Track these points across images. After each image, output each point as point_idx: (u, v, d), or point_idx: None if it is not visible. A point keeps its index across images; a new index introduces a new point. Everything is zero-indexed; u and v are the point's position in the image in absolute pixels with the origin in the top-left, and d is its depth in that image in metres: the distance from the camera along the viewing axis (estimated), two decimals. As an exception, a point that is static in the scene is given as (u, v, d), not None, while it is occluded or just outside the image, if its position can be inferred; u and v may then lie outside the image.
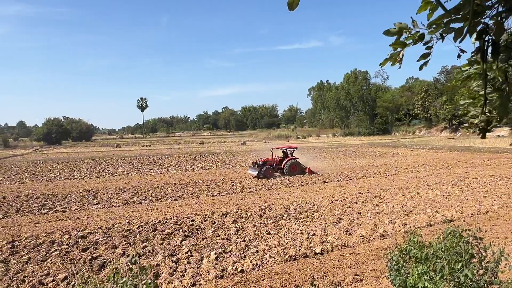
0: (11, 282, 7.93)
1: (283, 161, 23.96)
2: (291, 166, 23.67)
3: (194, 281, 7.77)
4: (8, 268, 8.77)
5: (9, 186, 22.43)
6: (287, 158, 24.12)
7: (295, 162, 24.03)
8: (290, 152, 25.00)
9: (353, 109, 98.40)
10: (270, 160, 24.06)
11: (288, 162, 23.73)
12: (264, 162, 23.71)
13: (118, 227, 12.10)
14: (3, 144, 78.05)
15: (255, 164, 23.71)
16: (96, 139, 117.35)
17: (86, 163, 36.95)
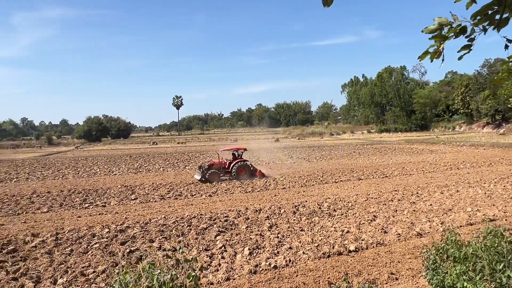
0: (55, 273, 8.34)
1: (231, 164, 22.26)
2: (238, 169, 21.76)
3: (228, 275, 7.88)
4: (52, 259, 9.23)
5: (53, 181, 23.51)
6: (235, 161, 22.44)
7: (243, 164, 22.06)
8: (239, 154, 23.24)
9: (389, 105, 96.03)
10: (217, 163, 22.32)
11: (235, 164, 21.87)
12: (210, 165, 21.96)
13: (154, 222, 12.44)
14: (47, 141, 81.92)
15: (200, 167, 21.81)
16: (134, 136, 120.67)
17: (124, 159, 38.10)
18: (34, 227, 12.27)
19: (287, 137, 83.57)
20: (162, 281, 3.13)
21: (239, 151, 23.28)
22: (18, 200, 17.16)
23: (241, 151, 23.35)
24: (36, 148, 70.29)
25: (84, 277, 8.04)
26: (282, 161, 31.60)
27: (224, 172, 21.98)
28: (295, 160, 32.23)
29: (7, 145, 78.88)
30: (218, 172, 21.37)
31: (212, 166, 21.74)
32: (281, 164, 29.83)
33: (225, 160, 23.08)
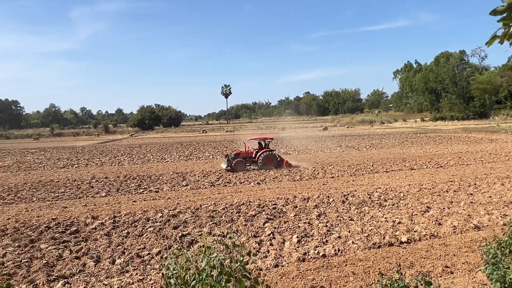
0: (114, 253, 8.83)
1: (258, 153, 22.00)
2: (265, 159, 21.51)
3: (277, 262, 7.95)
4: (111, 240, 9.77)
5: (110, 167, 24.78)
6: (262, 150, 22.13)
7: (270, 154, 21.77)
8: (266, 144, 22.98)
9: (444, 92, 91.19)
10: (243, 152, 22.21)
11: (262, 154, 21.64)
12: (236, 154, 22.01)
13: (205, 208, 12.77)
14: (104, 129, 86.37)
15: (227, 156, 21.96)
16: (184, 125, 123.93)
17: (176, 147, 39.30)
18: (94, 210, 13.03)
19: (336, 126, 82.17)
20: (213, 265, 3.22)
21: (266, 141, 23.07)
22: (79, 184, 18.27)
23: (268, 141, 23.16)
24: (94, 136, 74.31)
25: (140, 258, 8.45)
26: (331, 150, 31.18)
27: (250, 161, 21.95)
28: (344, 149, 31.69)
29: (68, 133, 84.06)
30: (244, 161, 21.38)
31: (238, 155, 21.78)
32: (329, 152, 29.45)
33: (252, 149, 22.91)
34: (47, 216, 12.42)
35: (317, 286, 6.89)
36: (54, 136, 77.71)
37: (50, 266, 8.18)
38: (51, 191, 16.87)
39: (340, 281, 7.05)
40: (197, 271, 3.23)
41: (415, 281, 3.56)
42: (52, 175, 21.74)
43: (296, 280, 7.13)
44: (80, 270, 7.93)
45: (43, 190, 17.03)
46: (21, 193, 16.51)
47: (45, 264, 8.27)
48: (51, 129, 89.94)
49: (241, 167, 21.04)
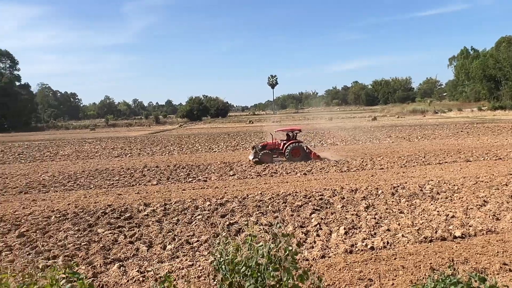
0: (165, 239, 9.18)
1: (285, 145, 21.65)
2: (292, 150, 21.13)
3: (323, 253, 7.91)
4: (162, 227, 10.16)
5: (161, 157, 25.67)
6: (289, 142, 21.76)
7: (298, 146, 21.44)
8: (294, 135, 22.42)
9: (505, 79, 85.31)
10: (271, 143, 21.99)
11: (289, 145, 21.30)
12: (263, 146, 21.75)
13: (251, 197, 12.92)
14: (155, 120, 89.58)
15: (254, 148, 21.77)
16: (231, 115, 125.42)
17: (223, 137, 39.95)
18: (146, 198, 13.59)
19: (385, 116, 79.73)
20: (261, 253, 3.26)
21: (294, 132, 22.66)
22: (132, 173, 19.10)
23: (296, 132, 22.75)
24: (145, 126, 77.19)
25: (189, 245, 8.72)
26: (380, 141, 30.34)
27: (278, 153, 21.68)
28: (394, 140, 30.72)
29: (122, 123, 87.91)
30: (270, 153, 21.20)
31: (265, 147, 21.58)
32: (378, 143, 28.68)
33: (279, 141, 22.58)
34: (103, 202, 13.12)
35: (364, 278, 6.79)
36: (109, 127, 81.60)
37: (106, 250, 8.65)
38: (107, 178, 17.77)
39: (389, 274, 6.90)
40: (245, 259, 3.28)
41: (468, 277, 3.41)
42: (107, 164, 22.89)
43: (343, 272, 7.06)
44: (134, 254, 8.32)
45: (100, 178, 17.98)
46: (79, 180, 17.54)
47: (102, 247, 8.76)
48: (106, 120, 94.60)
49: (267, 158, 20.88)
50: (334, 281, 6.71)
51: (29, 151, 32.31)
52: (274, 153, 21.45)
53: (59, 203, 13.31)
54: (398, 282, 6.58)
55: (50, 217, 11.46)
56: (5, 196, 14.79)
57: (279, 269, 3.17)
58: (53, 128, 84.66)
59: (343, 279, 6.80)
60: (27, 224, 10.77)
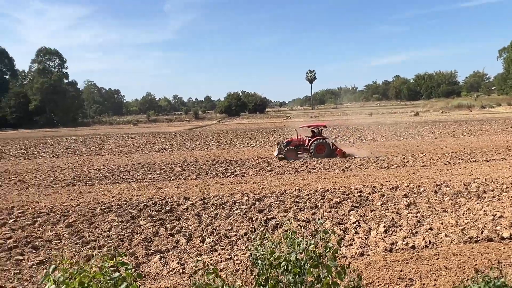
0: (203, 233, 9.37)
1: (310, 141, 21.27)
2: (317, 147, 20.82)
3: (362, 251, 7.79)
4: (201, 220, 10.37)
5: (200, 152, 26.14)
6: (314, 138, 21.37)
7: (323, 142, 21.08)
8: (318, 131, 22.11)
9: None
10: (295, 140, 21.69)
11: (314, 142, 20.96)
12: (288, 142, 21.57)
13: (289, 193, 12.90)
14: (194, 116, 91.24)
15: (279, 144, 21.64)
16: (269, 111, 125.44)
17: (261, 133, 40.07)
18: (186, 192, 13.90)
19: (428, 111, 76.94)
20: (302, 248, 3.26)
21: (319, 128, 22.39)
22: (172, 167, 19.58)
23: (321, 128, 22.47)
24: (185, 122, 78.77)
25: (227, 239, 8.86)
26: (422, 137, 29.36)
27: (302, 149, 21.45)
28: (437, 136, 29.63)
29: (162, 119, 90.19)
30: (295, 149, 21.01)
31: (290, 143, 21.41)
32: (420, 139, 27.77)
33: (304, 137, 22.28)
34: (145, 195, 13.55)
35: (405, 278, 6.63)
36: (150, 122, 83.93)
37: (148, 241, 8.95)
38: (148, 172, 18.33)
39: (430, 274, 6.70)
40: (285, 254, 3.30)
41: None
42: (149, 158, 23.59)
43: (382, 270, 6.93)
44: (174, 246, 8.56)
45: (141, 172, 18.57)
46: (123, 174, 18.19)
47: (144, 239, 9.06)
48: (148, 115, 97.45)
49: (292, 155, 20.74)
50: (373, 280, 6.61)
51: (76, 146, 33.85)
52: (299, 150, 21.36)
53: (104, 195, 13.89)
54: (440, 283, 6.38)
55: (95, 208, 11.99)
56: (55, 188, 15.61)
57: (319, 266, 3.16)
58: (98, 123, 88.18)
59: (382, 277, 6.68)
60: (74, 215, 11.33)
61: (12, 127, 78.10)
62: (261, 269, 3.38)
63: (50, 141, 40.30)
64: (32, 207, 12.51)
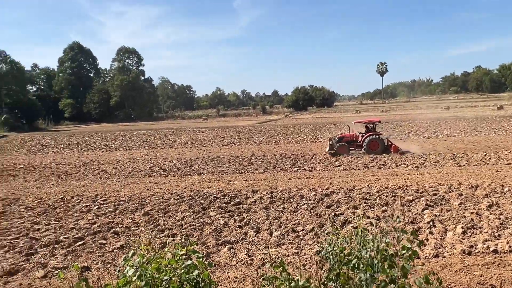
0: (271, 226, 9.48)
1: (363, 137, 20.57)
2: (370, 143, 20.06)
3: (437, 252, 7.39)
4: (268, 214, 10.50)
5: (267, 146, 26.42)
6: (367, 134, 20.64)
7: (376, 138, 20.32)
8: (372, 127, 21.25)
9: None
10: (348, 135, 21.21)
11: (367, 138, 20.21)
12: (340, 138, 21.08)
13: (358, 189, 12.59)
14: (262, 110, 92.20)
15: (330, 140, 21.09)
16: (337, 105, 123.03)
17: (328, 127, 39.45)
18: (253, 185, 14.15)
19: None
20: (376, 246, 3.19)
21: (373, 124, 21.52)
22: (240, 161, 20.02)
23: (375, 124, 21.57)
24: (253, 116, 79.94)
25: (295, 233, 8.89)
26: (507, 132, 26.99)
27: (355, 145, 20.86)
28: (525, 131, 27.05)
29: (231, 113, 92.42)
30: (347, 145, 20.50)
31: (342, 139, 20.92)
32: (505, 135, 25.56)
33: (357, 133, 21.65)
34: (215, 187, 14.02)
35: (485, 283, 6.18)
36: (220, 117, 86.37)
37: (218, 232, 9.27)
38: (218, 165, 18.91)
39: (515, 282, 6.18)
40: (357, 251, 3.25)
41: None
42: (218, 152, 24.33)
43: (459, 274, 6.53)
44: (243, 238, 8.77)
45: (211, 165, 19.22)
46: (194, 166, 18.97)
47: (214, 229, 9.40)
48: (217, 110, 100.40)
49: (343, 151, 20.28)
50: (450, 283, 6.25)
51: (152, 139, 35.86)
52: (351, 146, 20.91)
53: (177, 186, 14.60)
54: (527, 292, 5.87)
55: (169, 199, 12.65)
56: (133, 179, 16.71)
57: (394, 266, 3.07)
58: (171, 118, 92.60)
59: (459, 282, 6.29)
60: (150, 204, 12.05)
61: (96, 121, 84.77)
62: (332, 264, 3.36)
63: (129, 134, 43.10)
64: (113, 196, 13.53)
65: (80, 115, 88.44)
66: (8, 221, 11.06)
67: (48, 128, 67.65)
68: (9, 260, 8.10)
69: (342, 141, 20.89)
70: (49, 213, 11.74)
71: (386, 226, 8.98)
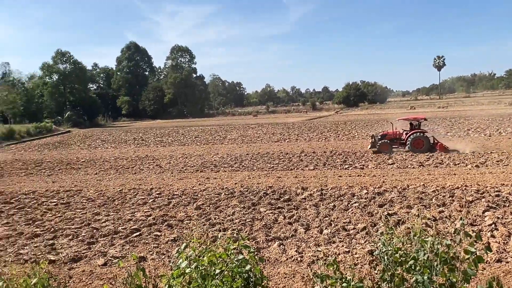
0: (321, 224, 9.39)
1: (407, 135, 19.85)
2: (414, 141, 19.35)
3: (499, 257, 6.97)
4: (318, 211, 10.41)
5: (317, 143, 26.14)
6: (412, 131, 19.88)
7: (421, 136, 19.60)
8: (416, 124, 20.53)
9: None
10: (391, 133, 20.70)
11: (411, 135, 19.51)
12: (383, 135, 20.64)
13: (413, 188, 12.14)
14: (311, 107, 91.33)
15: (373, 137, 20.66)
16: (390, 101, 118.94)
17: (381, 124, 38.17)
18: (303, 182, 14.07)
19: None
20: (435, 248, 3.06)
21: (418, 121, 20.62)
22: (290, 157, 19.98)
23: (420, 121, 20.60)
24: (302, 113, 79.40)
25: (345, 231, 8.74)
26: None
27: (398, 143, 20.15)
28: None
29: (280, 110, 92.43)
30: (389, 143, 19.84)
31: (385, 136, 20.30)
32: None
33: (401, 130, 20.81)
34: (265, 184, 14.10)
35: (555, 293, 5.74)
36: (269, 113, 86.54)
37: (267, 228, 9.32)
38: (267, 162, 19.00)
39: None
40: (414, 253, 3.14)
41: None
42: (268, 148, 24.43)
43: (525, 281, 6.11)
44: (292, 234, 8.77)
45: (261, 161, 19.35)
46: (244, 162, 19.19)
47: (264, 225, 9.46)
48: (267, 107, 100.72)
49: (386, 148, 19.80)
50: (514, 290, 5.87)
51: (203, 135, 36.70)
52: (394, 143, 20.28)
53: (227, 181, 14.86)
54: None
55: (220, 194, 12.90)
56: (186, 173, 17.23)
57: (455, 270, 2.92)
58: (221, 114, 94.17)
59: (525, 289, 5.89)
60: (202, 199, 12.37)
61: (150, 118, 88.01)
62: (386, 265, 3.27)
63: (181, 130, 44.38)
64: (167, 189, 14.03)
65: (136, 112, 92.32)
66: (72, 211, 11.84)
67: (107, 124, 71.30)
68: (73, 247, 8.67)
69: (384, 138, 20.48)
70: (108, 204, 12.42)
71: (444, 227, 8.58)
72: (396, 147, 20.37)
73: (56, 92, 76.67)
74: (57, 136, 44.20)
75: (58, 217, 11.18)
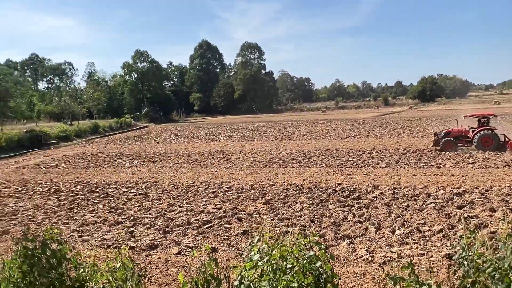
0: (393, 224, 9.05)
1: (474, 132, 18.71)
2: (482, 138, 18.20)
3: None
4: (390, 211, 10.04)
5: (389, 139, 25.13)
6: (479, 129, 18.71)
7: (489, 133, 18.35)
8: (484, 121, 19.17)
9: None
10: (455, 130, 19.70)
11: (479, 133, 18.37)
12: (446, 133, 19.63)
13: (496, 190, 11.24)
14: (383, 102, 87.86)
15: (436, 135, 19.88)
16: (471, 95, 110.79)
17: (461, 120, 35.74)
18: (374, 180, 13.63)
19: None
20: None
21: (486, 118, 19.03)
22: (360, 154, 19.45)
23: (489, 118, 18.95)
24: (374, 108, 76.72)
25: (420, 233, 8.34)
26: None
27: (464, 141, 18.82)
28: None
29: (350, 106, 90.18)
30: (454, 141, 18.55)
31: (449, 134, 19.02)
32: None
33: (467, 127, 19.33)
34: (334, 180, 13.89)
35: None
36: (338, 109, 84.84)
37: (336, 225, 9.20)
38: (337, 158, 18.68)
39: None
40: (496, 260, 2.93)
41: None
42: (337, 144, 23.99)
43: None
44: (362, 233, 8.56)
45: (330, 157, 19.07)
46: (312, 159, 19.05)
47: (333, 222, 9.35)
48: (336, 102, 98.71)
49: (450, 147, 18.81)
50: None
51: (271, 131, 36.97)
52: (459, 141, 19.01)
53: (295, 177, 14.87)
54: None
55: (288, 189, 12.96)
56: (254, 168, 17.52)
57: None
58: (290, 110, 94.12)
59: None
60: (270, 194, 12.51)
61: (221, 113, 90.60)
62: (466, 271, 3.08)
63: (250, 126, 45.10)
64: (236, 184, 14.39)
65: (207, 108, 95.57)
66: (149, 201, 12.62)
67: (181, 120, 74.63)
68: (150, 236, 9.25)
69: (448, 136, 19.42)
70: (182, 196, 13.05)
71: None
72: (462, 145, 19.21)
73: (135, 90, 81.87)
74: (136, 131, 47.21)
75: (137, 207, 11.99)
